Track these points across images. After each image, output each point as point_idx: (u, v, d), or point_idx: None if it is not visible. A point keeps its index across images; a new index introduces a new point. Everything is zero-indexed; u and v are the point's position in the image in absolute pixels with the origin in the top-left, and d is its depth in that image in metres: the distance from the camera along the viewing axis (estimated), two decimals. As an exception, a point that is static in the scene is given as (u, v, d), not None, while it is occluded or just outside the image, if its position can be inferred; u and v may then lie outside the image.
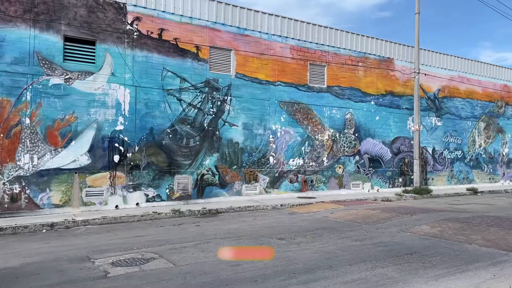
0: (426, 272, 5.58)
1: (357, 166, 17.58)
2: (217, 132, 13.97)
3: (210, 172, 13.75)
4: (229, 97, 14.26)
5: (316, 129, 16.41)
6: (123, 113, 12.21)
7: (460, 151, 21.66)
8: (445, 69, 21.17)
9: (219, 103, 14.06)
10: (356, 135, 17.60)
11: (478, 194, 18.38)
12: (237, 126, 14.41)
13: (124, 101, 12.22)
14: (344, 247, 7.16)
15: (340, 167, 17.06)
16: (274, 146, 15.27)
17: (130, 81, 12.35)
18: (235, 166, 14.34)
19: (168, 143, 12.97)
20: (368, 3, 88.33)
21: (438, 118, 20.76)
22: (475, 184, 21.07)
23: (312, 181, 16.25)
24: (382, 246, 7.23)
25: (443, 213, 11.09)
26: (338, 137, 17.04)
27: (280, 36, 15.60)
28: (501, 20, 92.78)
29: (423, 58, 19.88)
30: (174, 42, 13.18)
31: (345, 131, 17.28)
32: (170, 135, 13.03)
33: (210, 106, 13.86)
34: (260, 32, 15.13)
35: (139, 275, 5.59)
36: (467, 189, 18.82)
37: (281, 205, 13.02)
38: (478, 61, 23.17)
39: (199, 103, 13.64)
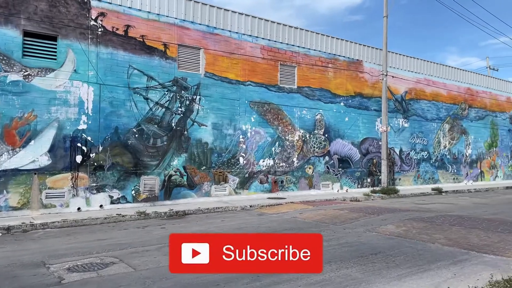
0: (389, 272, 5.60)
1: (327, 166, 17.71)
2: (185, 132, 13.71)
3: (178, 173, 13.47)
4: (198, 97, 14.03)
5: (286, 130, 16.40)
6: (87, 112, 11.77)
7: (426, 152, 22.23)
8: (412, 72, 21.68)
9: (187, 102, 13.81)
10: (326, 135, 17.72)
11: (443, 194, 18.89)
12: (206, 126, 14.19)
13: (87, 99, 11.78)
14: (310, 248, 7.10)
15: (310, 168, 17.13)
16: (244, 146, 15.15)
17: (94, 79, 11.92)
18: (204, 167, 14.11)
19: (134, 143, 12.61)
20: (340, 7, 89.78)
21: (405, 120, 21.23)
22: (440, 184, 21.66)
23: (282, 181, 16.23)
24: (348, 247, 7.24)
25: (408, 213, 11.27)
26: (308, 138, 17.10)
27: (250, 35, 15.49)
28: (466, 26, 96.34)
29: (391, 60, 20.27)
30: (141, 39, 12.83)
31: (315, 131, 17.37)
32: (136, 135, 12.67)
33: (178, 105, 13.58)
34: (230, 31, 14.97)
35: (96, 280, 5.33)
36: (432, 189, 19.30)
37: (251, 206, 12.91)
38: (444, 65, 23.89)
39: (167, 102, 13.34)
